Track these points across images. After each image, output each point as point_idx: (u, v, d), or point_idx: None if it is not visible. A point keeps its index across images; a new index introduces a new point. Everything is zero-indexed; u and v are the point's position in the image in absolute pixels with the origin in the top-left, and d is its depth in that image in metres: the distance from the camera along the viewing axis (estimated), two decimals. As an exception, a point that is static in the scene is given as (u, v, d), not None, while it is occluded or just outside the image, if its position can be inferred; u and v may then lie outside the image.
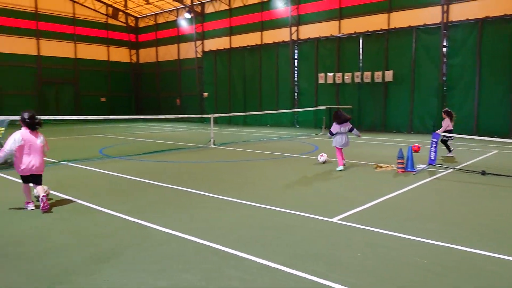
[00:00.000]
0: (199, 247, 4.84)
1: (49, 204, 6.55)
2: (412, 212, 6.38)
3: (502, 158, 12.15)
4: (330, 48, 24.87)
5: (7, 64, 30.75)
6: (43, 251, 4.75)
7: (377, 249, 4.76)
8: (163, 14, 35.92)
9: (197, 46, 32.79)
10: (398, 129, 22.33)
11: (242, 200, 7.09)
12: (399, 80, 21.98)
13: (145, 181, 8.83)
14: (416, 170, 9.75)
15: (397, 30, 22.04)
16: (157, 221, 5.85)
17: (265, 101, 28.40)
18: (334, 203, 6.93)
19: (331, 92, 24.86)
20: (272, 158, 12.48)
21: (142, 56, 39.16)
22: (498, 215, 6.25)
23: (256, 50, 28.81)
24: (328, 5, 24.84)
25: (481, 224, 5.77)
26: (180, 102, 35.40)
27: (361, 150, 14.16)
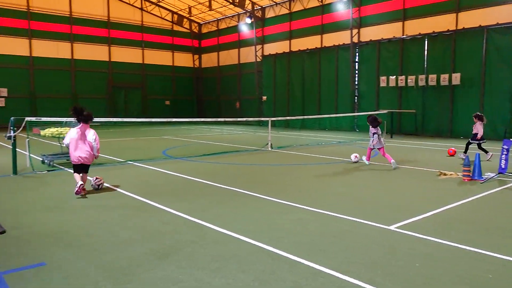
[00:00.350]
0: (254, 248, 4.95)
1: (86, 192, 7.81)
2: (478, 223, 6.04)
3: None
4: (393, 50, 24.11)
5: (83, 69, 33.15)
6: (110, 244, 5.10)
7: (438, 260, 4.58)
8: (225, 19, 36.84)
9: (257, 50, 33.23)
10: (466, 135, 21.08)
11: (298, 204, 7.11)
12: (467, 83, 20.79)
13: (204, 182, 9.13)
14: (484, 179, 9.19)
15: (466, 31, 20.89)
16: (214, 221, 6.05)
17: (324, 104, 28.13)
18: (392, 210, 6.74)
19: (393, 95, 24.08)
20: (330, 162, 12.35)
21: (204, 61, 40.42)
22: None
23: (315, 53, 28.64)
24: (391, 6, 24.13)
25: (557, 239, 5.33)
26: (240, 105, 36.05)
27: (423, 157, 13.59)
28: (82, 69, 33.17)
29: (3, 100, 29.65)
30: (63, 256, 4.72)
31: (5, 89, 29.72)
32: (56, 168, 11.06)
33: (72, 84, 32.86)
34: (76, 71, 32.93)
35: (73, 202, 7.31)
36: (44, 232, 5.57)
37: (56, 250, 4.89)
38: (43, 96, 31.27)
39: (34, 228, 5.76)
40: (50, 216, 6.38)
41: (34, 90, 31.08)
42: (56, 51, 32.02)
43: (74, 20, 32.56)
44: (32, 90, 31.02)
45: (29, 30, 30.65)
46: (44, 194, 7.99)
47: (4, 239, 5.29)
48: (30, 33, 30.72)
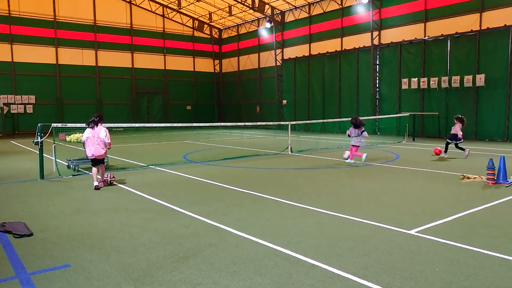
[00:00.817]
0: (272, 252, 4.98)
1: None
2: (503, 228, 5.90)
3: None
4: (414, 52, 23.78)
5: (107, 76, 33.95)
6: (131, 246, 5.22)
7: (459, 265, 4.51)
8: (244, 25, 37.09)
9: (277, 54, 33.31)
10: (491, 137, 20.61)
11: (318, 207, 7.11)
12: (492, 84, 20.32)
13: (224, 186, 9.22)
14: (510, 182, 8.96)
15: (490, 31, 20.43)
16: (233, 224, 6.12)
17: (345, 108, 27.94)
18: (413, 214, 6.66)
19: (416, 98, 23.73)
20: (350, 166, 12.27)
21: (224, 66, 40.75)
22: None
23: (335, 56, 28.50)
24: (412, 8, 23.83)
25: None
26: (260, 109, 36.16)
27: (446, 160, 13.34)
28: (106, 76, 33.96)
29: (31, 106, 30.62)
30: (87, 257, 4.86)
31: (33, 96, 30.70)
32: (81, 172, 11.36)
33: (97, 90, 33.67)
34: (100, 78, 33.73)
35: (97, 206, 7.51)
36: (69, 235, 5.76)
37: (81, 252, 5.04)
38: (69, 103, 32.17)
39: (60, 231, 5.95)
40: (75, 219, 6.58)
41: (61, 97, 31.99)
42: (81, 59, 32.90)
43: (98, 28, 33.39)
44: (59, 97, 31.93)
45: (55, 39, 31.60)
46: (69, 198, 8.23)
47: (31, 242, 5.48)
48: (57, 42, 31.66)
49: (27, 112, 30.39)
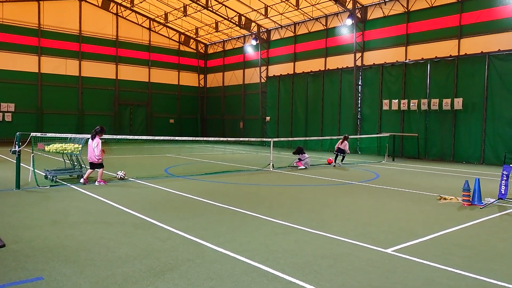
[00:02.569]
0: (250, 268, 4.98)
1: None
2: (477, 249, 6.03)
3: None
4: (396, 74, 24.38)
5: (90, 87, 33.64)
6: (107, 260, 5.14)
7: (434, 285, 4.58)
8: (230, 41, 37.44)
9: (262, 71, 33.66)
10: (468, 159, 21.12)
11: (298, 225, 7.14)
12: (470, 108, 20.92)
13: (205, 201, 9.19)
14: (484, 204, 9.19)
15: (468, 57, 21.14)
16: (212, 240, 6.09)
17: (327, 126, 28.29)
18: (391, 233, 6.75)
19: (396, 119, 24.22)
20: (331, 184, 12.39)
21: (209, 81, 40.91)
22: None
23: (319, 75, 28.96)
24: (394, 32, 24.51)
25: (553, 267, 5.32)
26: (243, 125, 36.29)
27: (425, 181, 13.60)
28: (89, 86, 33.64)
29: (10, 115, 30.03)
30: (61, 271, 4.76)
31: (12, 104, 30.12)
32: (59, 183, 11.16)
33: (79, 100, 33.27)
34: (83, 88, 33.39)
35: (74, 218, 7.38)
36: (43, 247, 5.63)
37: (55, 265, 4.94)
38: (50, 112, 31.67)
39: (34, 243, 5.82)
40: (51, 231, 6.44)
41: (41, 106, 31.49)
42: (64, 68, 32.57)
43: (83, 39, 33.20)
44: (39, 106, 31.42)
45: (39, 48, 31.26)
46: (46, 209, 8.07)
47: (3, 253, 5.35)
48: (40, 51, 31.31)
49: (5, 120, 29.76)
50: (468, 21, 21.22)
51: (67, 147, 11.72)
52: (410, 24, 23.66)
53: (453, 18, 21.72)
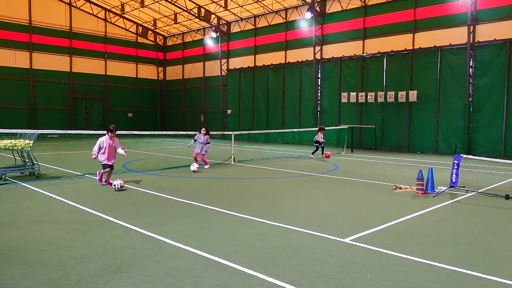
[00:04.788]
0: (210, 262, 4.93)
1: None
2: (429, 235, 6.28)
3: (529, 182, 11.78)
4: (354, 67, 24.89)
5: (42, 80, 32.12)
6: (60, 260, 4.93)
7: (389, 272, 4.72)
8: (190, 33, 36.86)
9: (222, 64, 33.41)
10: (422, 150, 21.98)
11: (259, 218, 7.15)
12: (424, 100, 21.73)
13: (164, 196, 9.02)
14: (437, 192, 9.59)
15: (422, 50, 21.90)
16: (172, 235, 5.98)
17: (288, 119, 28.55)
18: (348, 223, 6.90)
19: (354, 111, 24.78)
20: (292, 176, 12.51)
21: (168, 73, 40.15)
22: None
23: (279, 68, 29.11)
24: (352, 26, 24.97)
25: (501, 251, 5.62)
26: (204, 118, 35.96)
27: (381, 171, 14.01)
28: (41, 80, 32.10)
29: (-46, 110, 28.20)
30: (10, 274, 4.52)
31: (-44, 98, 28.29)
32: (8, 181, 10.60)
33: (31, 94, 31.70)
34: (34, 81, 31.83)
35: (26, 218, 7.03)
36: (-10, 249, 5.32)
37: (3, 268, 4.68)
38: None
39: (-21, 245, 5.49)
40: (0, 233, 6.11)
41: (-11, 100, 29.76)
42: (13, 60, 30.87)
43: (33, 29, 31.56)
44: (-14, 100, 29.69)
45: (-16, 38, 29.48)
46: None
47: None
48: (-14, 41, 29.54)
49: (-51, 116, 27.94)
50: (422, 16, 21.95)
51: (17, 143, 11.14)
52: (367, 18, 24.19)
53: (408, 12, 22.39)
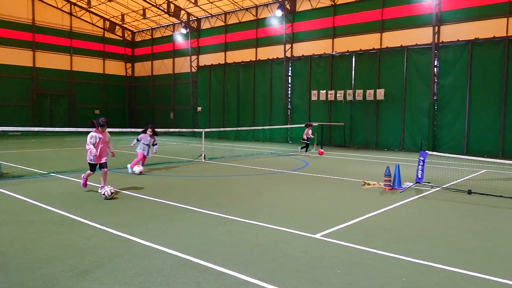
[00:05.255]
0: (181, 261, 4.87)
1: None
2: (397, 230, 6.44)
3: (489, 177, 12.29)
4: (323, 65, 25.20)
5: (4, 75, 30.80)
6: (25, 262, 4.74)
7: (358, 267, 4.81)
8: (159, 29, 36.28)
9: (192, 60, 33.07)
10: (389, 147, 22.52)
11: (230, 215, 7.12)
12: (391, 98, 22.26)
13: (133, 194, 8.85)
14: (403, 188, 9.84)
15: (389, 50, 22.42)
16: (142, 234, 5.87)
17: (258, 116, 28.61)
18: (318, 219, 6.98)
19: (324, 109, 25.10)
20: (262, 173, 12.54)
21: (137, 70, 39.39)
22: (482, 234, 6.32)
23: (250, 66, 29.11)
24: (322, 24, 25.25)
25: (465, 244, 5.83)
26: (174, 115, 35.53)
27: (350, 167, 14.27)
28: (1, 75, 30.80)
29: None
30: (-32, 277, 4.31)
31: None
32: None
33: (-10, 90, 30.38)
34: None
35: (-15, 218, 6.72)
36: None
37: (-39, 271, 4.46)
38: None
39: None
40: (-44, 234, 5.81)
41: None
42: (-29, 54, 29.51)
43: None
44: None
45: None
46: (-50, 210, 7.26)
47: None
48: None
49: None
50: (389, 16, 22.46)
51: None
52: (337, 17, 24.52)
53: (376, 12, 22.85)
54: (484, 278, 4.49)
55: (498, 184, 10.98)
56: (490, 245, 5.75)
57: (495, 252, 5.41)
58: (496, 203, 8.49)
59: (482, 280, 4.45)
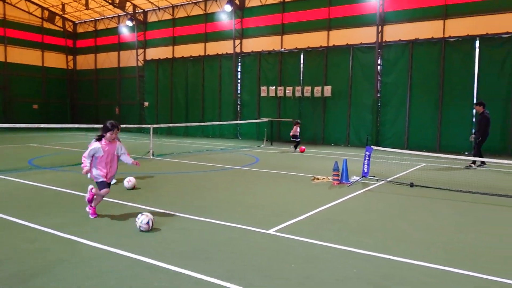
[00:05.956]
0: (133, 262, 4.72)
1: None
2: (346, 223, 6.65)
3: (428, 170, 13.04)
4: (273, 62, 25.45)
5: None
6: (-42, 270, 4.38)
7: (312, 260, 4.91)
8: (103, 20, 34.84)
9: (139, 54, 32.12)
10: (336, 142, 23.23)
11: (181, 213, 7.01)
12: (337, 95, 22.93)
13: (77, 194, 8.46)
14: (351, 182, 10.19)
15: (335, 48, 23.05)
16: (90, 236, 5.62)
17: (208, 112, 28.39)
18: (271, 215, 7.05)
19: (273, 105, 25.38)
20: (212, 170, 12.46)
21: (79, 63, 37.61)
22: (424, 225, 6.68)
23: (199, 61, 28.77)
24: (271, 21, 25.45)
25: (408, 234, 6.14)
26: (119, 111, 34.36)
27: (299, 163, 14.55)
28: None
29: None
30: None
31: None
32: None
33: None
34: None
35: None
36: None
37: None
38: None
39: None
40: None
41: None
42: None
43: None
44: None
45: None
46: None
47: None
48: None
49: None
50: (335, 14, 23.07)
51: None
52: (286, 14, 24.82)
53: (323, 10, 23.39)
54: (426, 266, 4.75)
55: (436, 176, 11.67)
56: (431, 235, 6.09)
57: (435, 242, 5.74)
58: (436, 195, 9.03)
59: (425, 268, 4.71)
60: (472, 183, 10.32)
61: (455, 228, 6.48)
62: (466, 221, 7.01)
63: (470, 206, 8.05)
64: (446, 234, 6.11)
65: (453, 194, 9.16)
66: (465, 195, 9.06)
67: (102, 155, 6.65)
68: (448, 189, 9.56)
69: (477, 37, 19.15)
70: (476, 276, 4.49)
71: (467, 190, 9.39)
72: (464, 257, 5.10)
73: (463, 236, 6.08)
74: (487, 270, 4.65)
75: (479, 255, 5.22)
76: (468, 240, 5.87)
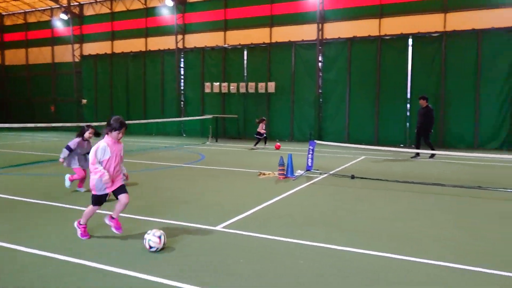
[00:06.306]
0: (76, 266, 4.50)
1: None
2: (293, 216, 6.79)
3: (368, 163, 13.65)
4: (216, 58, 25.33)
5: None
6: None
7: (260, 254, 4.96)
8: (34, 13, 32.78)
9: (75, 49, 30.60)
10: (281, 137, 23.62)
11: (124, 213, 6.78)
12: (281, 91, 23.32)
13: (13, 198, 7.91)
14: (295, 176, 10.42)
15: (278, 44, 23.39)
16: (28, 242, 5.28)
17: (150, 109, 27.72)
18: (218, 211, 7.03)
19: (217, 101, 25.30)
20: (156, 168, 12.20)
21: (9, 58, 35.13)
22: (366, 214, 6.99)
23: (140, 56, 27.97)
24: (213, 16, 25.30)
25: (351, 224, 6.39)
26: (55, 109, 32.56)
27: (245, 159, 14.63)
28: None
29: None
30: None
31: None
32: None
33: None
34: None
35: None
36: None
37: None
38: None
39: None
40: None
41: None
42: None
43: None
44: None
45: None
46: None
47: None
48: None
49: None
50: (278, 11, 23.41)
51: None
52: (228, 10, 24.78)
53: (266, 7, 23.63)
54: (371, 254, 4.98)
55: (375, 168, 12.26)
56: (373, 224, 6.39)
57: (377, 230, 6.03)
58: (375, 186, 9.48)
59: (369, 256, 4.93)
60: (409, 173, 10.95)
61: (394, 217, 6.84)
62: (403, 209, 7.42)
63: (407, 196, 8.54)
64: (386, 223, 6.44)
65: (391, 184, 9.67)
66: (402, 185, 9.59)
67: (110, 157, 5.37)
68: (386, 180, 10.07)
69: (410, 35, 20.31)
70: (416, 261, 4.78)
71: (403, 180, 9.95)
72: (404, 244, 5.40)
73: (401, 224, 6.43)
74: (425, 254, 4.96)
75: (417, 240, 5.55)
76: (407, 228, 6.23)
